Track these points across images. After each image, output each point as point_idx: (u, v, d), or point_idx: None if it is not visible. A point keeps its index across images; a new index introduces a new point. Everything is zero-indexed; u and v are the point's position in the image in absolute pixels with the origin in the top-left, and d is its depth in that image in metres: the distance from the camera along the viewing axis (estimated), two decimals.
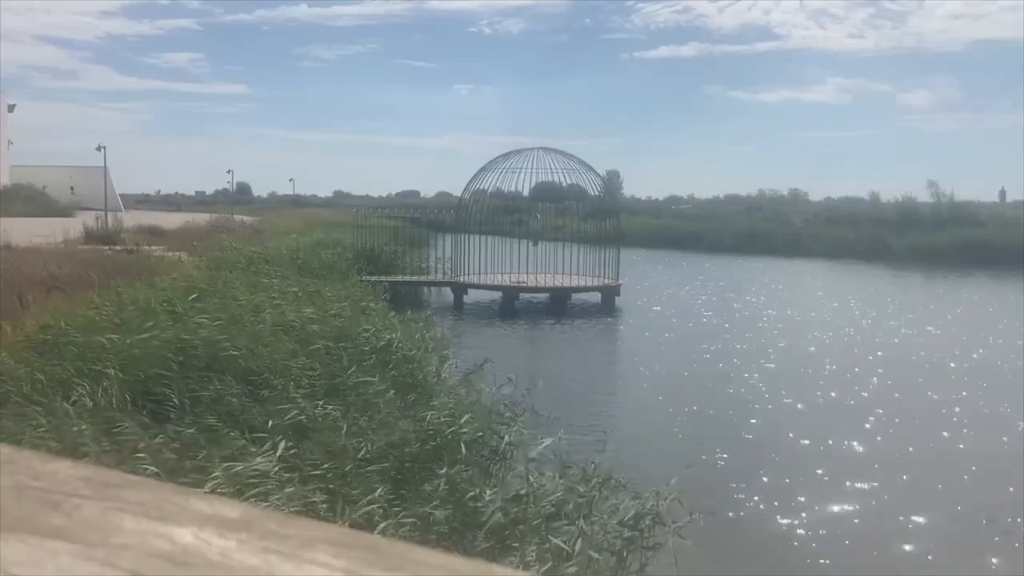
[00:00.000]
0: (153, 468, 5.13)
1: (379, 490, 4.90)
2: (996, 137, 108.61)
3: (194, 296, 10.95)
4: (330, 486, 4.86)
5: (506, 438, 6.41)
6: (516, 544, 4.69)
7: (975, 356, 17.46)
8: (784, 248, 48.72)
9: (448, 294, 26.09)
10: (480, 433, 6.37)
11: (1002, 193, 74.79)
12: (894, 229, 48.06)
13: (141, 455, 5.40)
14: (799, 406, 13.09)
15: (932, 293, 30.91)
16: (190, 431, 6.08)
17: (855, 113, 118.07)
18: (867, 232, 48.62)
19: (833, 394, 13.94)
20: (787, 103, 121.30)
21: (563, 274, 27.13)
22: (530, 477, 5.28)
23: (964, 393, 13.95)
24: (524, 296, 25.82)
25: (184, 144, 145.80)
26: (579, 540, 4.74)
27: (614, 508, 5.37)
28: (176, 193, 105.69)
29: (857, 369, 16.04)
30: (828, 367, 16.25)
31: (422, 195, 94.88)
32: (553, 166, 28.11)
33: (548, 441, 6.19)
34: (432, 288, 26.68)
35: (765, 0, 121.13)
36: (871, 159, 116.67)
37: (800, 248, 48.52)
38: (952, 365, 16.51)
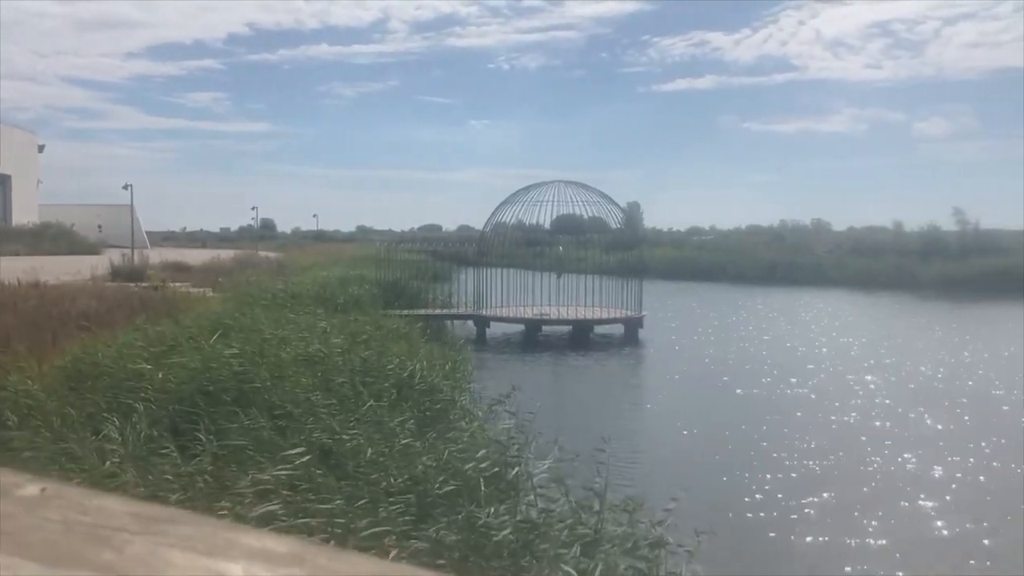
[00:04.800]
0: (184, 496, 5.17)
1: (384, 513, 4.92)
2: (1018, 164, 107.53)
3: (219, 332, 11.03)
4: (339, 520, 4.86)
5: (526, 474, 6.39)
6: (531, 571, 4.66)
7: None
8: (807, 278, 48.33)
9: (471, 327, 26.09)
10: (496, 469, 6.35)
11: None
12: (919, 258, 47.56)
13: (172, 484, 5.44)
14: (819, 436, 12.93)
15: (969, 324, 30.55)
16: (221, 453, 6.15)
17: (872, 142, 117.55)
18: (891, 262, 48.15)
19: (850, 417, 13.77)
20: (803, 133, 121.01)
21: (585, 306, 27.09)
22: (538, 502, 5.28)
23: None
24: (547, 328, 25.79)
25: (208, 182, 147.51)
26: (598, 569, 4.71)
27: (623, 534, 5.33)
28: (201, 230, 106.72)
29: (887, 402, 15.84)
30: (857, 400, 16.05)
31: (444, 228, 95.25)
32: (574, 198, 28.19)
33: (548, 462, 6.20)
34: (455, 321, 26.67)
35: (781, 32, 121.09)
36: (892, 188, 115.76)
37: (823, 278, 48.11)
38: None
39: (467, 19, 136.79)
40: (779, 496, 10.01)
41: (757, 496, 10.01)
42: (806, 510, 9.58)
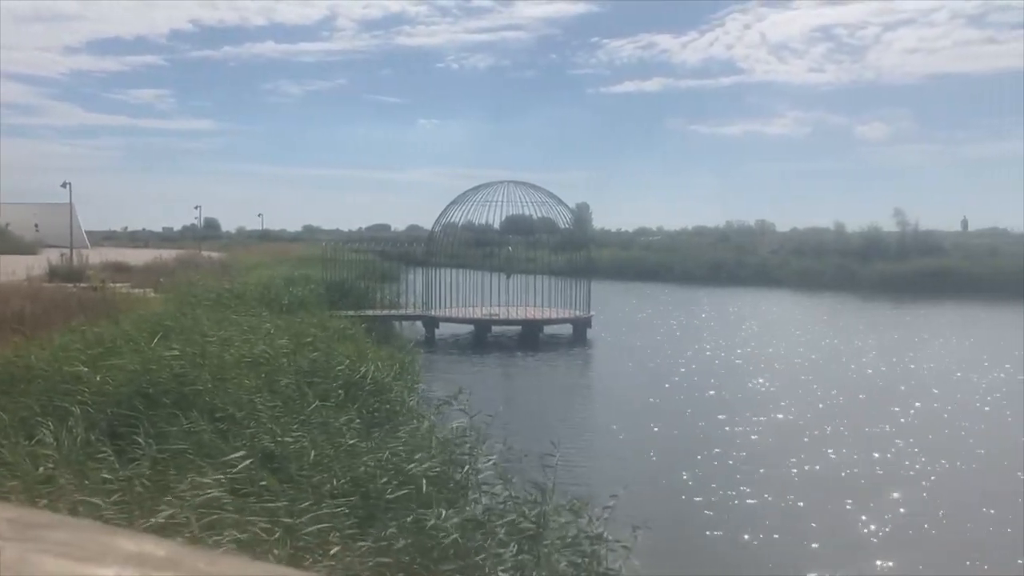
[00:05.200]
0: (115, 500, 5.03)
1: (328, 515, 4.89)
2: (956, 168, 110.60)
3: (160, 333, 10.78)
4: (284, 519, 4.79)
5: (474, 471, 6.36)
6: (476, 570, 4.65)
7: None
8: (752, 278, 49.25)
9: (420, 328, 25.97)
10: (439, 468, 6.31)
11: (964, 222, 76.03)
12: (859, 259, 48.64)
13: (109, 488, 5.30)
14: (764, 435, 13.13)
15: (909, 324, 31.30)
16: (161, 457, 6.02)
17: (815, 145, 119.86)
18: (833, 262, 49.18)
19: (788, 416, 14.01)
20: (749, 135, 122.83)
21: (535, 306, 27.16)
22: (484, 500, 5.28)
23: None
24: (496, 329, 25.77)
25: (151, 180, 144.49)
26: (535, 570, 4.72)
27: (564, 530, 5.35)
28: (143, 229, 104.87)
29: (830, 402, 16.14)
30: (802, 400, 16.33)
31: (392, 228, 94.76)
32: (523, 199, 28.23)
33: (494, 459, 6.19)
34: (403, 322, 26.51)
35: (728, 35, 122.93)
36: (834, 190, 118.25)
37: (767, 278, 49.04)
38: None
39: (416, 18, 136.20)
40: (721, 494, 10.13)
41: (699, 496, 10.12)
42: (749, 510, 9.71)
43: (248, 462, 5.63)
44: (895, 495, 10.17)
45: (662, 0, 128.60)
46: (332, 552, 4.56)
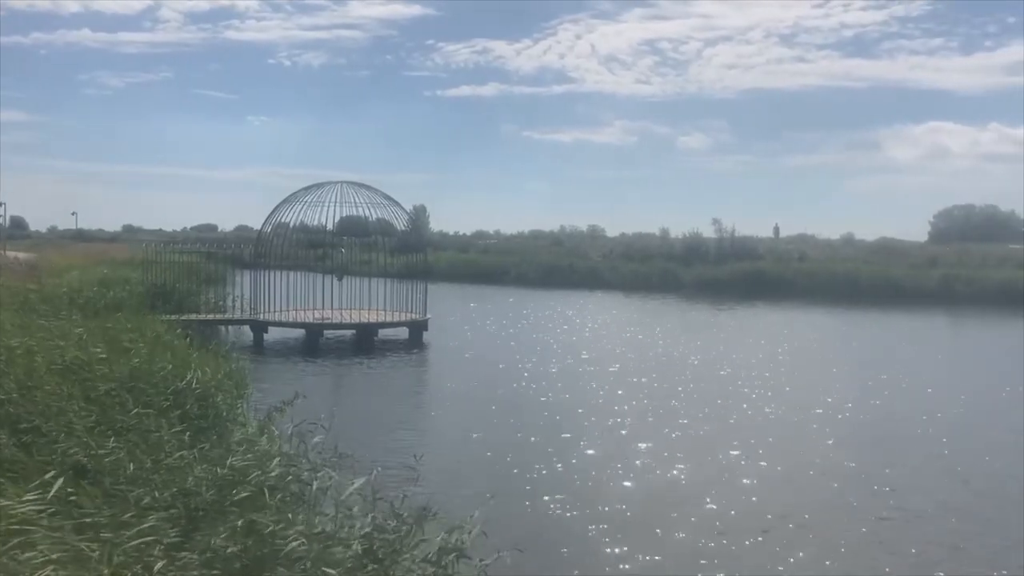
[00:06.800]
0: None
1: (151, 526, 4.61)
2: (768, 177, 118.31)
3: None
4: (103, 534, 4.46)
5: (315, 484, 6.15)
6: None
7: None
8: (584, 281, 51.12)
9: (248, 332, 25.07)
10: (289, 478, 6.07)
11: (776, 229, 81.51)
12: (682, 263, 51.56)
13: None
14: (600, 432, 13.53)
15: (726, 324, 33.08)
16: None
17: (640, 154, 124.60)
18: (659, 265, 51.99)
19: (629, 419, 14.53)
20: (579, 143, 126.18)
21: (370, 309, 26.81)
22: (338, 514, 5.12)
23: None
24: (329, 333, 25.24)
25: None
26: None
27: (420, 544, 5.26)
28: None
29: (661, 406, 16.81)
30: (635, 395, 16.93)
31: (220, 229, 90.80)
32: (358, 200, 27.75)
33: (360, 481, 6.01)
34: (230, 327, 25.47)
35: (560, 45, 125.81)
36: (658, 197, 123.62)
37: (599, 281, 51.04)
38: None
39: (246, 12, 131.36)
40: (559, 500, 10.32)
41: (529, 502, 10.27)
42: (579, 519, 9.93)
43: (56, 477, 5.20)
44: (712, 504, 10.70)
45: (497, 6, 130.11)
46: (156, 568, 4.29)
